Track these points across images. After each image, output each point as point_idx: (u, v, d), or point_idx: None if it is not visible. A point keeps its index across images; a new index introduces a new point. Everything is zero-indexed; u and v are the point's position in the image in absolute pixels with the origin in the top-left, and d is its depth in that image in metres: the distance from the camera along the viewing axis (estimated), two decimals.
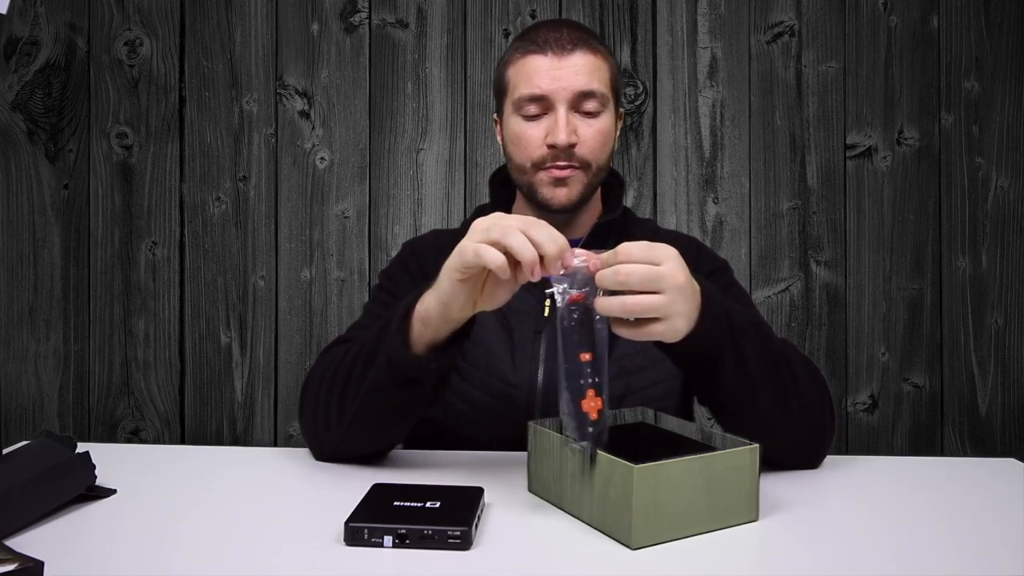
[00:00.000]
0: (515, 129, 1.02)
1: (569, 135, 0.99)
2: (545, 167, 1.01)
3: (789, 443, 0.87)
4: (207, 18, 1.80)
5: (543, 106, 1.00)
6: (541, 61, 0.99)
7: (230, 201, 1.80)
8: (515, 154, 1.03)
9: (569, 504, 0.74)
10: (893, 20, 1.79)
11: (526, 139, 1.01)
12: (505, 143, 1.07)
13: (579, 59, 0.99)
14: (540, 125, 1.01)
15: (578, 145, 1.00)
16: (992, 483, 0.85)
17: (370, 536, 0.66)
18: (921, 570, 0.63)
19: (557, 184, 1.01)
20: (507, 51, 1.06)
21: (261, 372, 1.80)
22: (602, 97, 1.00)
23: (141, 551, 0.66)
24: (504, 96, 1.05)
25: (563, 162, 1.00)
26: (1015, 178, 1.78)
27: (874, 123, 1.79)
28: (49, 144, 1.79)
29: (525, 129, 1.01)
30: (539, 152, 1.01)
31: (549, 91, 0.98)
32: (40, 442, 0.78)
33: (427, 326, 0.81)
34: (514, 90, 1.02)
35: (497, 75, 1.07)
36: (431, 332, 0.81)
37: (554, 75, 0.98)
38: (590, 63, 1.00)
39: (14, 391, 1.79)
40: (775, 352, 0.85)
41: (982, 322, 1.78)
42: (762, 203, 1.79)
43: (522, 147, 1.02)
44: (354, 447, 0.90)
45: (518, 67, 1.01)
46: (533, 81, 0.99)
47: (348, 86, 1.80)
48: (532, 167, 1.02)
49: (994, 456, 1.31)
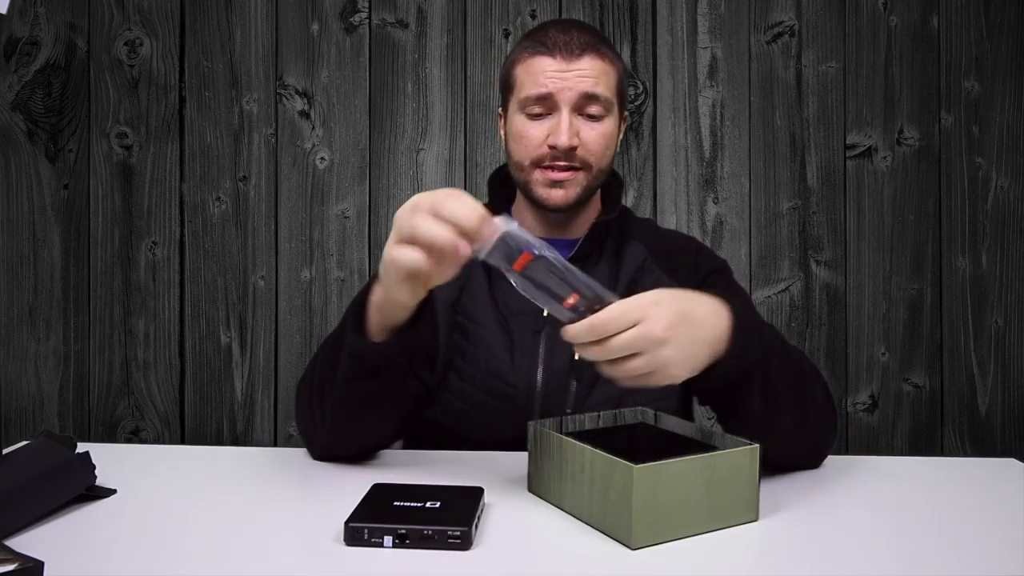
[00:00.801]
0: (518, 126, 1.03)
1: (571, 137, 0.99)
2: (543, 166, 1.02)
3: (799, 451, 0.88)
4: (207, 18, 1.80)
5: (547, 106, 1.00)
6: (549, 63, 1.00)
7: (230, 201, 1.80)
8: (515, 151, 1.04)
9: (569, 504, 0.74)
10: (893, 20, 1.79)
11: (528, 137, 1.02)
12: (507, 139, 1.07)
13: (587, 63, 0.99)
14: (543, 125, 1.01)
15: (579, 148, 1.00)
16: (992, 483, 0.85)
17: (370, 536, 0.66)
18: (921, 570, 0.63)
19: (553, 185, 1.02)
20: (515, 48, 1.06)
21: (261, 372, 1.80)
22: (606, 102, 1.01)
23: (141, 551, 0.66)
24: (510, 93, 1.05)
25: (563, 163, 1.01)
26: (1015, 178, 1.78)
27: (874, 123, 1.79)
28: (49, 144, 1.79)
29: (528, 127, 1.02)
30: (539, 151, 1.01)
31: (554, 92, 0.99)
32: (40, 442, 0.78)
33: (383, 314, 0.81)
34: (520, 88, 1.02)
35: (504, 71, 1.07)
36: (389, 319, 0.81)
37: (561, 77, 0.99)
38: (597, 67, 1.00)
39: (14, 391, 1.79)
40: (794, 365, 0.85)
41: (982, 322, 1.78)
42: (762, 203, 1.79)
43: (523, 144, 1.02)
44: (342, 443, 0.90)
45: (526, 66, 1.02)
46: (539, 81, 1.00)
47: (348, 86, 1.80)
48: (530, 165, 1.02)
49: (994, 456, 1.31)
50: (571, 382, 0.99)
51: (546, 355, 1.00)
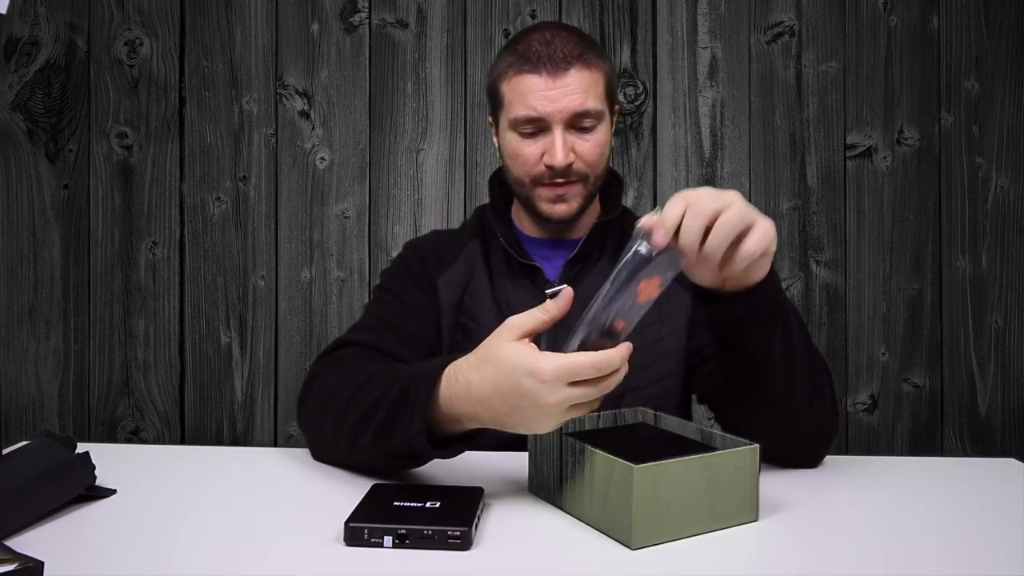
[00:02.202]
0: (512, 145, 1.02)
1: (566, 156, 0.99)
2: (543, 184, 1.02)
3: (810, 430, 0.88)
4: (207, 18, 1.80)
5: (539, 126, 1.00)
6: (536, 82, 0.98)
7: (230, 201, 1.80)
8: (513, 168, 1.04)
9: (569, 504, 0.74)
10: (893, 20, 1.79)
11: (523, 157, 1.02)
12: (502, 153, 1.07)
13: (573, 78, 0.98)
14: (537, 143, 1.01)
15: (575, 161, 1.00)
16: (992, 483, 0.85)
17: (370, 536, 0.66)
18: (921, 570, 0.63)
19: (556, 201, 1.03)
20: (500, 58, 1.04)
21: (261, 372, 1.80)
22: (597, 113, 1.00)
23: (141, 551, 0.66)
24: (499, 108, 1.05)
25: (560, 179, 1.01)
26: (1015, 178, 1.78)
27: (874, 123, 1.79)
28: (49, 144, 1.79)
29: (522, 146, 1.01)
30: (536, 169, 1.01)
31: (545, 114, 0.98)
32: (40, 442, 0.78)
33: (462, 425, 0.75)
34: (509, 107, 1.02)
35: (490, 83, 1.06)
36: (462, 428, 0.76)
37: (549, 96, 0.98)
38: (585, 80, 0.99)
39: (14, 391, 1.79)
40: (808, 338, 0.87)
41: (982, 322, 1.78)
42: (762, 203, 1.79)
43: (519, 163, 1.03)
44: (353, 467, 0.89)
45: (512, 85, 1.00)
46: (528, 102, 0.99)
47: (348, 86, 1.80)
48: (531, 182, 1.03)
49: (994, 456, 1.31)
50: None
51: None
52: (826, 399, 0.88)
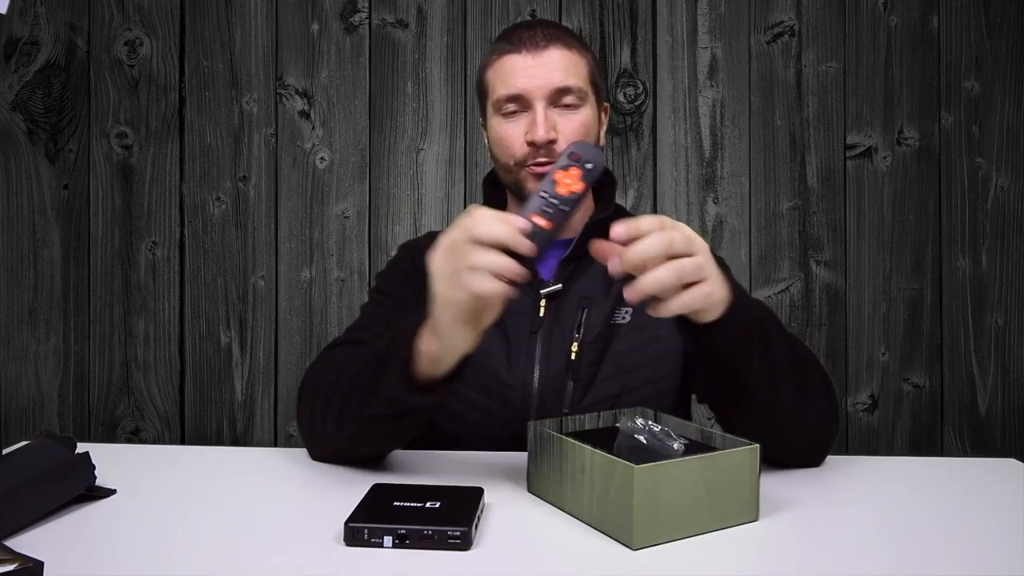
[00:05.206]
0: (497, 130, 1.03)
1: (547, 131, 0.99)
2: (528, 165, 1.02)
3: (803, 438, 0.88)
4: (207, 18, 1.80)
5: (522, 104, 1.01)
6: (516, 60, 1.00)
7: (230, 201, 1.80)
8: (499, 154, 1.05)
9: (569, 504, 0.74)
10: (893, 20, 1.79)
11: (507, 138, 1.02)
12: (490, 145, 1.08)
13: (554, 55, 1.00)
14: (519, 123, 1.01)
15: (559, 140, 1.00)
16: (992, 483, 0.85)
17: (370, 536, 0.66)
18: (921, 570, 0.63)
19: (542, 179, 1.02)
20: (486, 55, 1.07)
21: (261, 372, 1.80)
22: (580, 92, 1.01)
23: (141, 551, 0.66)
24: (485, 99, 1.06)
25: (544, 159, 1.00)
26: (1015, 178, 1.78)
27: (874, 123, 1.79)
28: (49, 144, 1.79)
29: (506, 128, 1.02)
30: (521, 151, 1.01)
31: (526, 89, 0.99)
32: (40, 442, 0.78)
33: (437, 364, 0.78)
34: (493, 91, 1.03)
35: (478, 79, 1.08)
36: (439, 368, 0.78)
37: (529, 73, 0.99)
38: (565, 59, 1.00)
39: (14, 391, 1.79)
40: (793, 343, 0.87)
41: (982, 322, 1.78)
42: (762, 203, 1.79)
43: (504, 146, 1.03)
44: (350, 456, 0.90)
45: (495, 68, 1.03)
46: (509, 81, 1.00)
47: (348, 86, 1.80)
48: (516, 165, 1.03)
49: (994, 456, 1.31)
50: (568, 382, 0.99)
51: (542, 355, 1.00)
52: (821, 406, 0.87)
